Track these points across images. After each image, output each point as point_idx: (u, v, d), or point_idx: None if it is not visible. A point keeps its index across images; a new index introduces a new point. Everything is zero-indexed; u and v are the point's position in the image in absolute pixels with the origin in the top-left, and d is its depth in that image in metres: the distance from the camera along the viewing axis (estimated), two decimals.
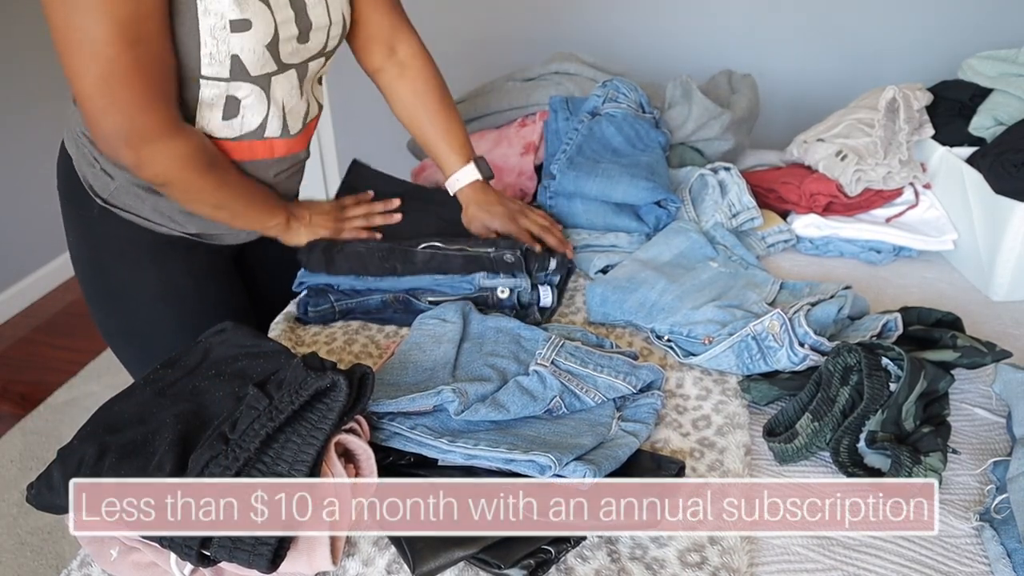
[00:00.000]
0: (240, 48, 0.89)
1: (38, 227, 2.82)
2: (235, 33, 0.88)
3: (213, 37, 0.87)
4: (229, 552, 0.65)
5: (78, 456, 0.73)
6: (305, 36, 0.96)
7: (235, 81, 0.92)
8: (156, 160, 0.90)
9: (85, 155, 1.02)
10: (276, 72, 0.96)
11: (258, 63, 0.92)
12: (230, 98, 0.94)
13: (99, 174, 1.02)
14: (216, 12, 0.86)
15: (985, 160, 1.14)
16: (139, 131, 0.87)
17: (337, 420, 0.70)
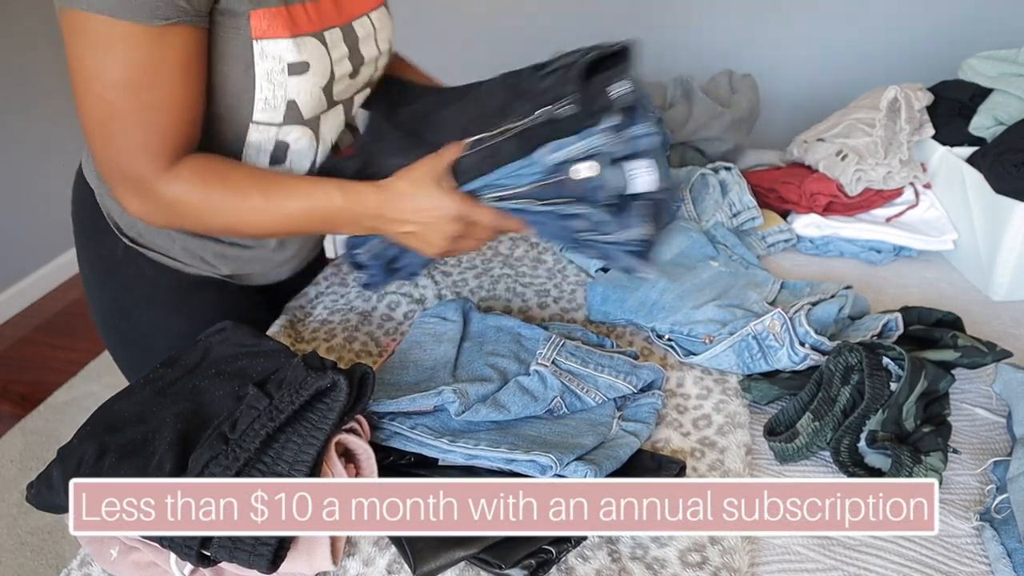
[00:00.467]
0: (297, 92, 0.83)
1: (38, 227, 2.82)
2: (292, 76, 0.82)
3: (270, 82, 0.81)
4: (229, 552, 0.65)
5: (78, 456, 0.73)
6: (356, 71, 0.91)
7: (287, 125, 0.87)
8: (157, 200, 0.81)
9: (108, 189, 0.95)
10: (326, 110, 0.90)
11: (313, 106, 0.87)
12: (280, 142, 0.89)
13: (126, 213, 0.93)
14: (274, 55, 0.80)
15: (985, 160, 1.14)
16: (133, 177, 0.80)
17: (337, 420, 0.70)
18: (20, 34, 2.67)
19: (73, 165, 1.10)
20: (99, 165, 0.83)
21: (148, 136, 0.78)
